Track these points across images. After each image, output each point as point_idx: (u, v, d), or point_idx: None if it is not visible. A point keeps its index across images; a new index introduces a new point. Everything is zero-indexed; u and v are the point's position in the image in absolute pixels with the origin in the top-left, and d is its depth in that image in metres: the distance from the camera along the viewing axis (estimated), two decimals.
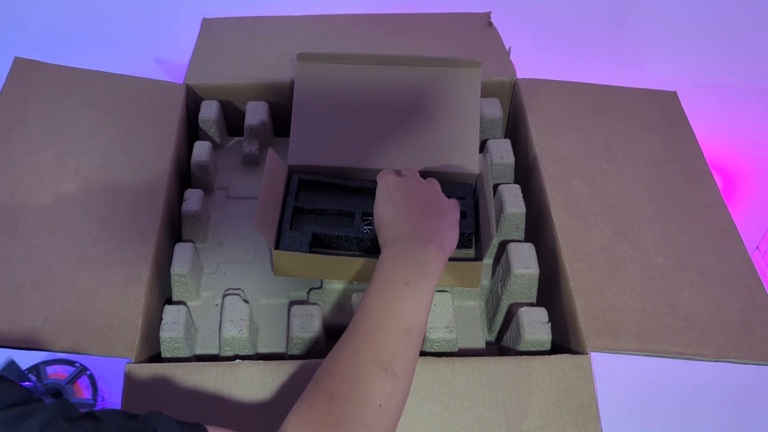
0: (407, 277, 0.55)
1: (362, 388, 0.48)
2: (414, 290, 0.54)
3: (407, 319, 0.53)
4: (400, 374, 0.50)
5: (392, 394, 0.49)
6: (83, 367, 0.88)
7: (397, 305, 0.53)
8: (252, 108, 0.84)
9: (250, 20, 0.95)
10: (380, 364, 0.50)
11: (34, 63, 0.82)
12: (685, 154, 0.78)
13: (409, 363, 0.52)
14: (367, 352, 0.50)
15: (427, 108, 0.76)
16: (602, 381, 0.59)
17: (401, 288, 0.54)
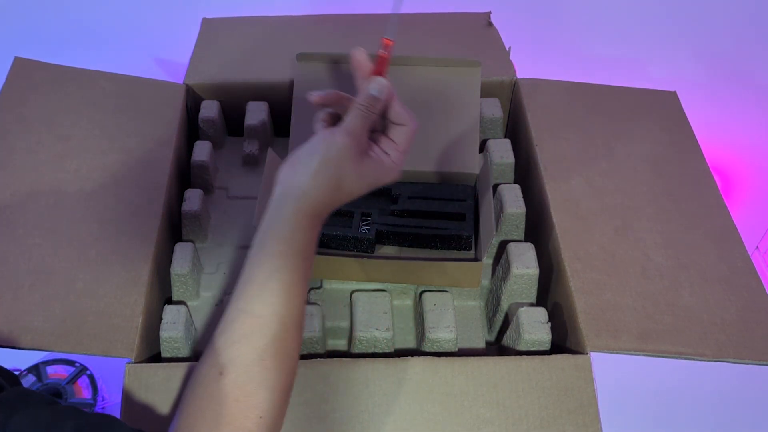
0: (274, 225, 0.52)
1: (244, 402, 0.48)
2: (274, 277, 0.51)
3: (279, 313, 0.50)
4: (277, 385, 0.49)
5: (269, 408, 0.48)
6: (83, 367, 0.88)
7: (267, 263, 0.51)
8: (252, 108, 0.84)
9: (250, 20, 0.95)
10: (255, 379, 0.49)
11: (34, 63, 0.82)
12: (685, 154, 0.78)
13: (289, 360, 0.50)
14: (243, 359, 0.49)
15: (427, 108, 0.76)
16: (602, 381, 0.59)
17: (260, 275, 0.51)
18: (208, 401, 0.47)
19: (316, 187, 0.51)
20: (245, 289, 0.49)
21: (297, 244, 0.50)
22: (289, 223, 0.50)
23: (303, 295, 0.51)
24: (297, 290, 0.50)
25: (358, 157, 0.53)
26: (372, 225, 0.69)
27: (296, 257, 0.50)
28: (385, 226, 0.69)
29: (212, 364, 0.48)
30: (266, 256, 0.50)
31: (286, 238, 0.50)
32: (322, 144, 0.52)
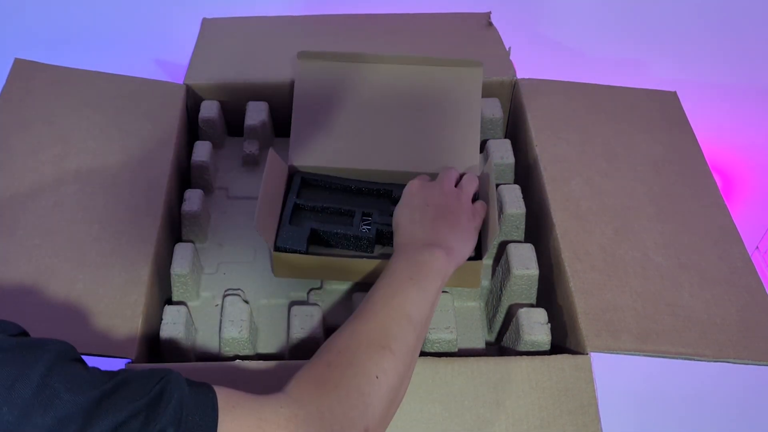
0: (411, 274, 0.58)
1: (358, 360, 0.50)
2: (416, 285, 0.57)
3: (407, 308, 0.55)
4: (398, 354, 0.51)
5: (389, 369, 0.50)
6: None
7: (398, 296, 0.56)
8: (252, 108, 0.84)
9: (250, 20, 0.95)
10: (377, 342, 0.51)
11: (34, 63, 0.82)
12: (685, 154, 0.78)
13: (407, 347, 0.53)
14: (366, 332, 0.52)
15: (428, 108, 0.76)
16: (602, 381, 0.59)
17: (404, 283, 0.57)
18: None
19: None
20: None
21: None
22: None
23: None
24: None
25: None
26: (372, 225, 0.69)
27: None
28: (385, 226, 0.69)
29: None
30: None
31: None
32: None
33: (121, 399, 0.39)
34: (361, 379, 0.49)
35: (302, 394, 0.47)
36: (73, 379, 0.39)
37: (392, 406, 0.51)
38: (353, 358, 0.50)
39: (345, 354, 0.51)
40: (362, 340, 0.52)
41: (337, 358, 0.50)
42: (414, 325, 0.54)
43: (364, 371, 0.49)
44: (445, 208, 0.65)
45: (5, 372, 0.38)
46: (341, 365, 0.50)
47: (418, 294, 0.56)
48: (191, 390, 0.43)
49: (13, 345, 0.39)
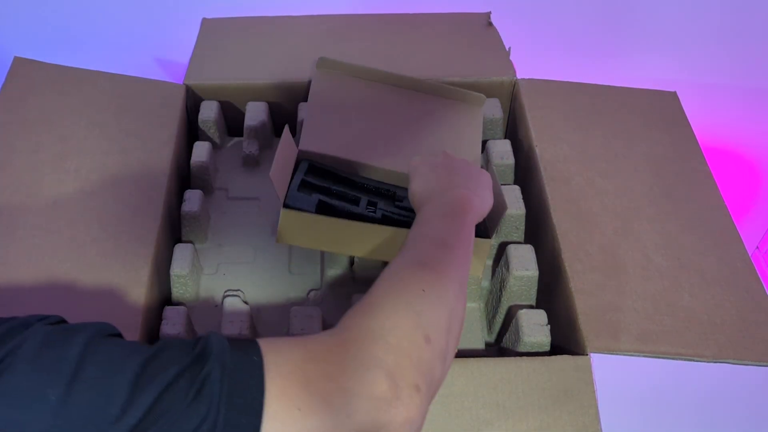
0: (442, 213, 0.56)
1: (399, 280, 0.48)
2: (448, 218, 0.55)
3: (443, 236, 0.53)
4: (441, 272, 0.49)
5: (434, 283, 0.48)
6: None
7: (432, 228, 0.54)
8: (252, 108, 0.84)
9: (250, 20, 0.95)
10: (416, 263, 0.49)
11: (34, 62, 0.82)
12: (685, 154, 0.78)
13: (449, 267, 0.50)
14: (403, 258, 0.50)
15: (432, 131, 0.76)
16: (602, 382, 0.59)
17: (435, 218, 0.55)
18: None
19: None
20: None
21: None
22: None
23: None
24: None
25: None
26: (378, 211, 0.67)
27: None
28: (391, 213, 0.67)
29: (416, 327, 0.46)
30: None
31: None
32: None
33: (164, 362, 0.38)
34: (406, 295, 0.46)
35: (349, 321, 0.44)
36: (112, 352, 0.39)
37: (452, 320, 0.48)
38: (394, 281, 0.48)
39: (385, 280, 0.48)
40: (399, 266, 0.49)
41: (378, 286, 0.48)
42: (449, 248, 0.52)
43: (407, 287, 0.47)
44: (454, 164, 0.64)
45: (46, 356, 0.37)
46: (383, 289, 0.47)
47: (452, 224, 0.54)
48: (232, 343, 0.41)
49: (51, 331, 0.39)
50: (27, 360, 0.37)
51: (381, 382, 0.40)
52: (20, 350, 0.37)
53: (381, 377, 0.40)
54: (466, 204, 0.57)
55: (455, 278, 0.50)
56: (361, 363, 0.41)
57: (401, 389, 0.40)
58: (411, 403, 0.41)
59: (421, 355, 0.43)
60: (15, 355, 0.37)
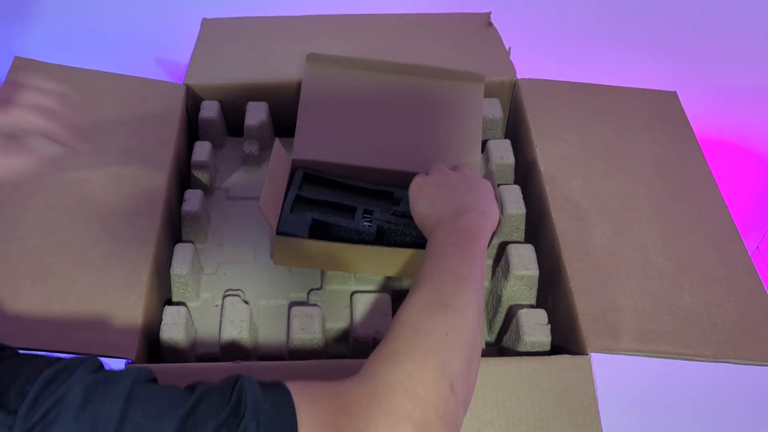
0: (453, 241, 0.56)
1: (423, 326, 0.48)
2: (461, 248, 0.56)
3: (457, 269, 0.53)
4: (460, 310, 0.50)
5: (455, 326, 0.49)
6: None
7: (444, 261, 0.54)
8: (252, 108, 0.84)
9: (250, 20, 0.95)
10: (436, 304, 0.50)
11: (34, 62, 0.82)
12: (685, 154, 0.78)
13: (467, 303, 0.51)
14: (423, 299, 0.51)
15: (431, 118, 0.76)
16: (602, 382, 0.59)
17: (448, 248, 0.56)
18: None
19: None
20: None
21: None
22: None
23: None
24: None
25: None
26: (374, 221, 0.68)
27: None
28: (386, 223, 0.68)
29: (442, 377, 0.47)
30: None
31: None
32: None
33: (201, 418, 0.39)
34: (430, 341, 0.47)
35: (376, 371, 0.45)
36: (151, 409, 0.39)
37: (471, 364, 0.49)
38: (418, 325, 0.48)
39: (408, 324, 0.49)
40: (420, 307, 0.50)
41: (402, 330, 0.48)
42: (468, 282, 0.52)
43: (431, 333, 0.48)
44: (456, 182, 0.65)
45: (90, 411, 0.38)
46: (407, 335, 0.48)
47: (464, 254, 0.55)
48: (264, 391, 0.42)
49: (93, 381, 0.40)
50: (71, 415, 0.38)
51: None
52: (64, 403, 0.38)
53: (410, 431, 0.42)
54: (478, 229, 0.58)
55: (475, 315, 0.51)
56: (391, 418, 0.42)
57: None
58: None
59: (447, 406, 0.44)
60: (59, 408, 0.38)
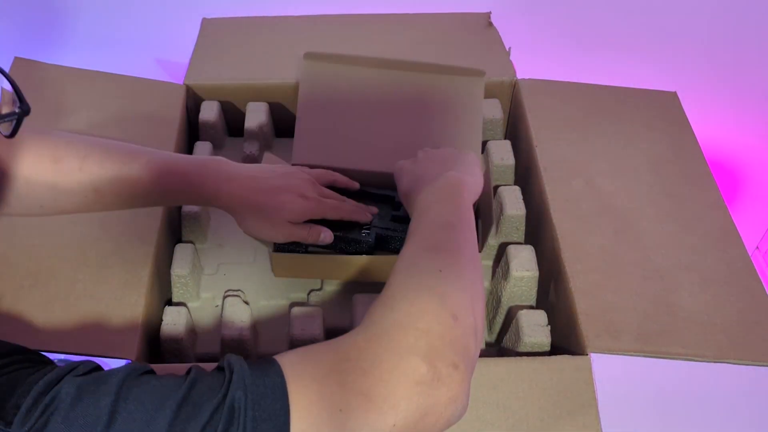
0: (438, 198, 0.56)
1: (415, 268, 0.48)
2: (446, 202, 0.55)
3: (445, 218, 0.53)
4: (453, 250, 0.49)
5: (449, 263, 0.48)
6: None
7: (432, 213, 0.54)
8: (252, 109, 0.84)
9: (250, 20, 0.95)
10: (426, 247, 0.50)
11: (34, 63, 0.82)
12: (685, 154, 0.78)
13: (459, 243, 0.50)
14: (413, 246, 0.50)
15: (431, 115, 0.76)
16: (602, 382, 0.59)
17: (433, 205, 0.55)
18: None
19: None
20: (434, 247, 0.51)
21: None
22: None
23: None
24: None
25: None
26: (372, 229, 0.68)
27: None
28: (384, 231, 0.69)
29: (441, 305, 0.46)
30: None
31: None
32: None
33: (196, 401, 0.38)
34: (425, 279, 0.46)
35: (373, 317, 0.44)
36: (144, 400, 0.38)
37: (474, 297, 0.48)
38: (410, 269, 0.47)
39: (399, 272, 0.48)
40: (410, 254, 0.49)
41: (396, 277, 0.47)
42: (457, 227, 0.52)
43: (424, 272, 0.47)
44: (436, 154, 0.65)
45: (80, 411, 0.37)
46: (401, 280, 0.47)
47: (451, 206, 0.54)
48: (252, 366, 0.41)
49: (82, 383, 0.39)
50: (62, 415, 0.37)
51: (419, 367, 0.40)
52: (55, 405, 0.38)
53: (418, 362, 0.41)
54: (459, 184, 0.57)
55: (467, 255, 0.50)
56: (395, 353, 0.41)
57: (440, 370, 0.41)
58: (452, 382, 0.41)
59: (453, 333, 0.43)
60: (51, 410, 0.38)
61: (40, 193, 0.56)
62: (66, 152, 0.57)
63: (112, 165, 0.57)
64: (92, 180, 0.57)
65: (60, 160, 0.56)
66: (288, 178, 0.65)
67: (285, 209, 0.63)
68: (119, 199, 0.59)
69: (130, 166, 0.58)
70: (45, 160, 0.56)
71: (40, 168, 0.56)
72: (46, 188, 0.56)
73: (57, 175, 0.56)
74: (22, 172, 0.55)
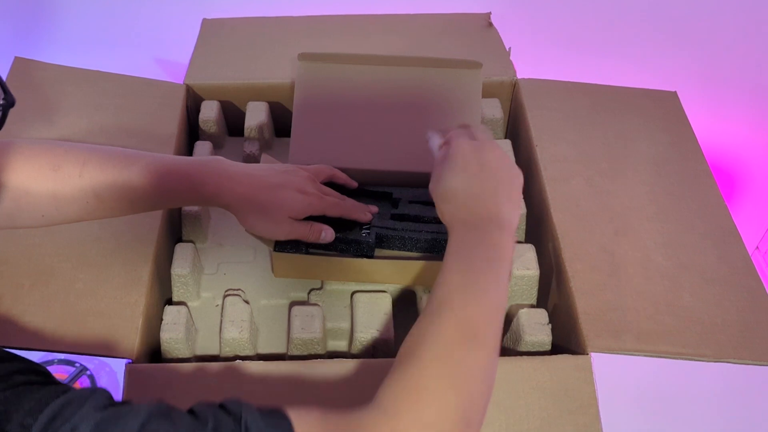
0: (487, 256, 0.53)
1: (452, 357, 0.46)
2: (494, 270, 0.52)
3: (492, 296, 0.51)
4: (488, 346, 0.48)
5: (486, 364, 0.48)
6: (83, 367, 0.88)
7: (480, 282, 0.51)
8: (252, 108, 0.84)
9: (250, 20, 0.95)
10: (468, 335, 0.48)
11: (34, 63, 0.82)
12: (685, 154, 0.78)
13: (496, 338, 0.49)
14: (454, 326, 0.48)
15: (428, 109, 0.76)
16: (603, 381, 0.59)
17: (482, 265, 0.52)
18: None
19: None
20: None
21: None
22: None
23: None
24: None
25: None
26: (372, 229, 0.68)
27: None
28: (385, 230, 0.69)
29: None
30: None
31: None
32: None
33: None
34: (456, 377, 0.45)
35: (398, 403, 0.44)
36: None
37: (490, 391, 0.48)
38: (445, 355, 0.46)
39: (434, 350, 0.46)
40: (450, 333, 0.48)
41: (428, 356, 0.46)
42: (499, 312, 0.51)
43: (457, 368, 0.46)
44: (500, 173, 0.57)
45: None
46: (431, 365, 0.46)
47: (497, 278, 0.51)
48: (264, 417, 0.41)
49: (102, 420, 0.39)
50: None
51: None
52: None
53: None
54: (509, 250, 0.54)
55: (497, 342, 0.50)
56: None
57: None
58: None
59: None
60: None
61: (41, 201, 0.56)
62: (65, 160, 0.57)
63: (112, 169, 0.57)
64: (93, 185, 0.57)
65: (59, 168, 0.56)
66: (288, 175, 0.65)
67: (286, 206, 0.63)
68: (120, 204, 0.59)
69: (130, 170, 0.58)
70: (44, 168, 0.56)
71: (39, 176, 0.56)
72: (47, 197, 0.56)
73: (57, 182, 0.56)
74: (21, 182, 0.55)
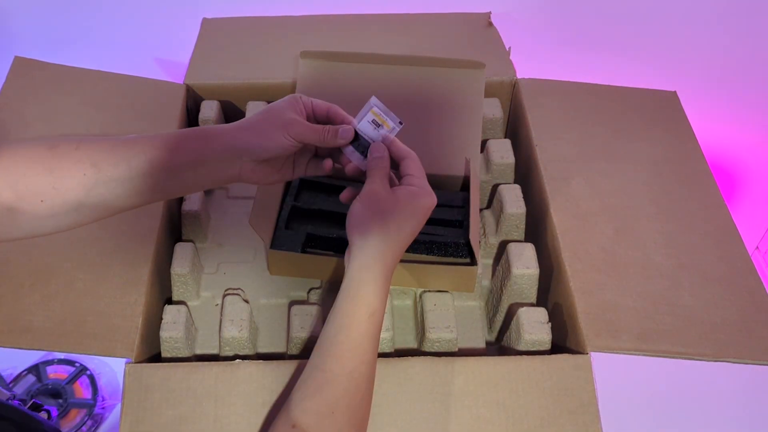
0: (368, 276, 0.55)
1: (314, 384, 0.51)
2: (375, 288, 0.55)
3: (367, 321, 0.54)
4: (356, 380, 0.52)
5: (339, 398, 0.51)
6: (83, 367, 0.88)
7: (360, 302, 0.54)
8: (252, 108, 0.84)
9: (250, 20, 0.95)
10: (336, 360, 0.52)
11: (34, 63, 0.82)
12: (685, 154, 0.78)
13: (367, 372, 0.53)
14: (325, 346, 0.53)
15: (429, 109, 0.76)
16: (602, 381, 0.59)
17: (362, 292, 0.55)
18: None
19: (378, 244, 0.55)
20: (320, 346, 0.53)
21: (363, 299, 0.53)
22: (354, 280, 0.54)
23: (372, 352, 0.53)
24: (365, 347, 0.53)
25: (396, 204, 0.56)
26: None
27: (363, 314, 0.53)
28: None
29: (286, 419, 0.51)
30: (336, 314, 0.53)
31: (352, 296, 0.53)
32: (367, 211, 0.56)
33: None
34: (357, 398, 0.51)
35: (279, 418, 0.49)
36: None
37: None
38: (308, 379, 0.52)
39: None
40: (322, 353, 0.52)
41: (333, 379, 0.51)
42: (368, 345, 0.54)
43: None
44: (370, 205, 0.57)
45: None
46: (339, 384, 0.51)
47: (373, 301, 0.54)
48: None
49: None
50: None
51: None
52: None
53: None
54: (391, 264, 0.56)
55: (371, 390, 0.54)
56: None
57: None
58: None
59: None
60: None
61: (39, 181, 0.53)
62: (61, 140, 0.55)
63: (109, 141, 0.55)
64: (89, 154, 0.54)
65: (56, 147, 0.54)
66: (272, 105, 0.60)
67: (284, 106, 0.57)
68: (118, 170, 0.54)
69: (127, 137, 0.55)
70: (41, 148, 0.54)
71: (36, 156, 0.54)
72: (43, 173, 0.53)
73: (54, 159, 0.54)
74: (18, 167, 0.53)
